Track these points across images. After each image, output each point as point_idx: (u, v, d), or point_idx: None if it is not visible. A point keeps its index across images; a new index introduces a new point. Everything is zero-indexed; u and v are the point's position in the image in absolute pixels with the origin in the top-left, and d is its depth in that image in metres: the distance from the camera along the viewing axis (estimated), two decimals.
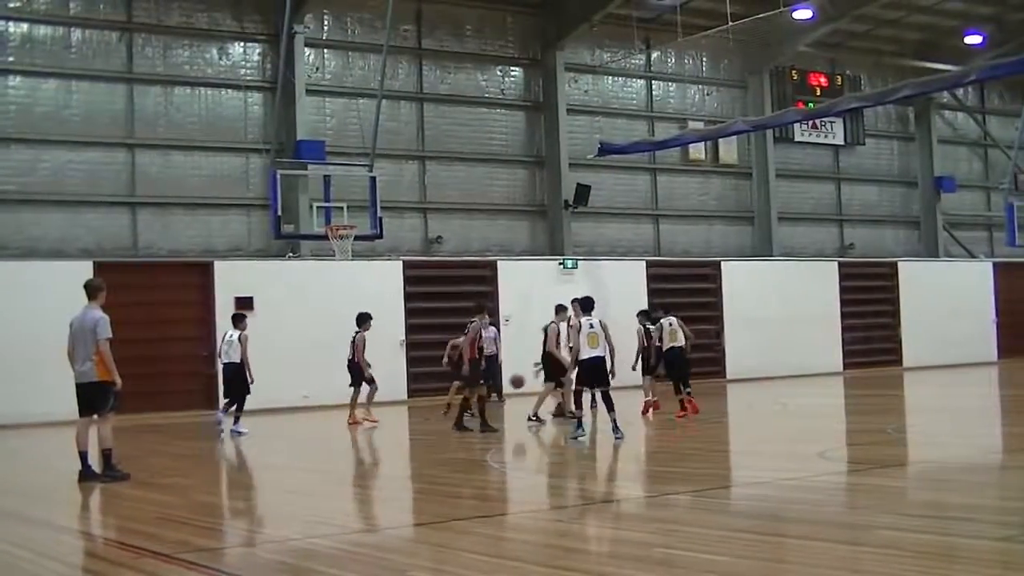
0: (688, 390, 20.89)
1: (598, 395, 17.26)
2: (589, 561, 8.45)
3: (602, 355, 17.05)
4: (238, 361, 20.45)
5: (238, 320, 20.95)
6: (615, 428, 16.73)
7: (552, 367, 21.16)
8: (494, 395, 23.97)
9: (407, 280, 30.12)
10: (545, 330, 21.81)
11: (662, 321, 21.47)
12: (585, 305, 17.62)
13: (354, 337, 21.91)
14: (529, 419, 20.57)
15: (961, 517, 9.60)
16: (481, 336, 20.42)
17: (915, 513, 10.11)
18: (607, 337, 17.24)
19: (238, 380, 20.53)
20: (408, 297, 29.88)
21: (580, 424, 17.49)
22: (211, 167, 29.34)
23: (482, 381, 20.38)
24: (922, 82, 31.45)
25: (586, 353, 17.03)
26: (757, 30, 34.32)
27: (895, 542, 8.37)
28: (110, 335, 13.53)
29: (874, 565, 7.68)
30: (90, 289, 13.97)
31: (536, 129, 34.05)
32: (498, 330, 23.97)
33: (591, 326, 17.13)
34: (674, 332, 21.12)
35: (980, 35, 39.39)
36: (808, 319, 35.30)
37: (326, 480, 14.62)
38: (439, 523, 10.27)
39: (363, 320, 22.00)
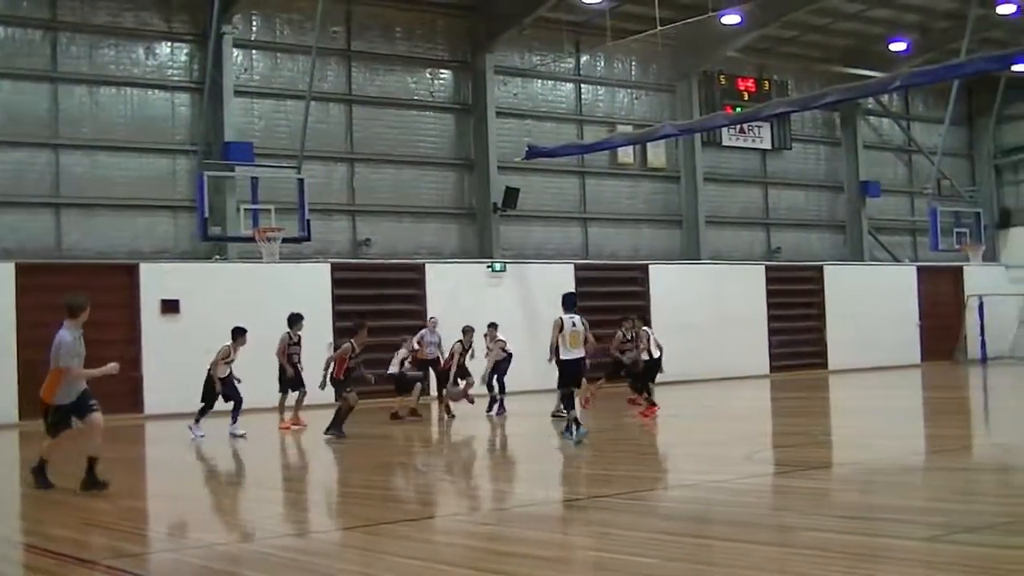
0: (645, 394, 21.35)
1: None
2: (518, 564, 8.56)
3: (582, 355, 16.96)
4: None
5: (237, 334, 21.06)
6: (568, 428, 16.87)
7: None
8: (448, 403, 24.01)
9: (335, 282, 30.40)
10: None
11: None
12: (567, 302, 17.26)
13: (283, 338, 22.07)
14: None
15: (887, 518, 9.86)
16: (423, 342, 21.66)
17: (841, 514, 10.36)
18: (587, 334, 17.18)
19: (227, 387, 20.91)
20: (336, 299, 30.13)
21: (577, 424, 17.07)
22: (137, 168, 29.38)
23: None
24: (848, 88, 32.10)
25: (566, 353, 16.82)
26: (686, 35, 34.84)
27: (822, 543, 8.64)
28: (66, 365, 13.06)
29: (802, 566, 7.95)
30: (66, 307, 13.31)
31: (465, 132, 34.43)
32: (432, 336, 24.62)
33: (573, 324, 16.84)
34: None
35: (905, 42, 40.11)
36: (735, 322, 35.94)
37: (253, 484, 14.81)
38: (367, 527, 10.38)
39: (292, 321, 22.08)
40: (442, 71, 34.37)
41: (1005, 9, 36.80)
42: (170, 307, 27.37)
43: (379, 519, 10.77)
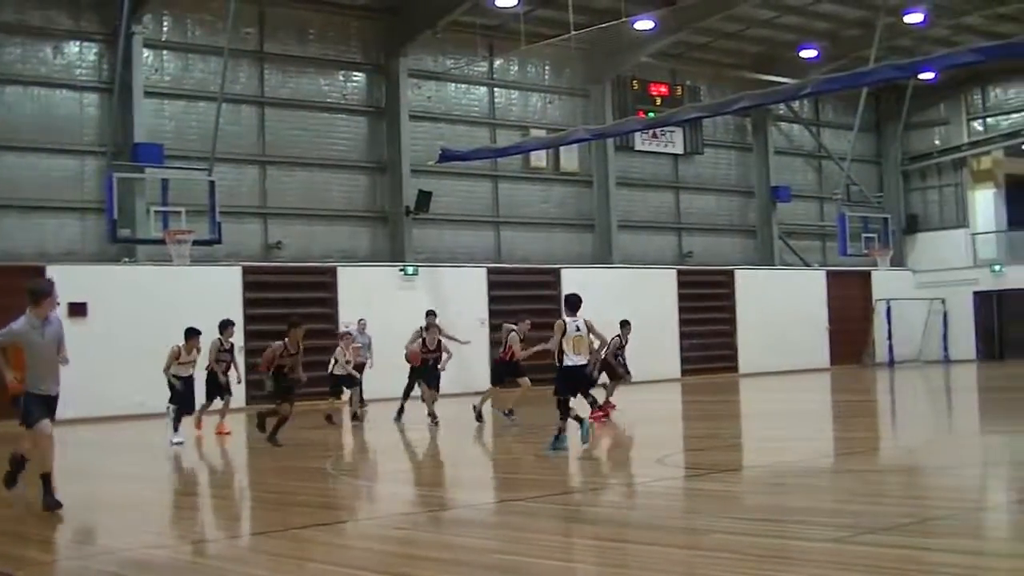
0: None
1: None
2: (431, 569, 8.64)
3: (585, 362, 16.21)
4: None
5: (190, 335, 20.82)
6: (558, 439, 15.99)
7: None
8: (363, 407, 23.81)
9: (246, 286, 30.46)
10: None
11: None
12: (571, 303, 16.34)
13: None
14: (504, 414, 21.34)
15: (796, 520, 10.04)
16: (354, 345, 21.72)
17: (751, 517, 10.49)
18: (593, 337, 16.54)
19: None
20: (248, 303, 30.16)
21: (559, 435, 16.07)
22: (45, 169, 29.24)
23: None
24: (759, 94, 32.58)
25: (570, 359, 15.86)
26: (600, 40, 35.40)
27: (732, 545, 8.80)
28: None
29: (712, 569, 8.14)
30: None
31: (378, 135, 34.64)
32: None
33: (577, 328, 15.88)
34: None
35: (815, 50, 40.89)
36: (646, 326, 36.03)
37: (163, 489, 14.79)
38: (278, 532, 10.43)
39: (223, 327, 21.82)
40: (355, 74, 34.57)
41: (912, 18, 37.94)
42: (77, 310, 27.22)
43: (290, 524, 10.81)
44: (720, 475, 13.51)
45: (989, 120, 47.42)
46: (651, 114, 37.99)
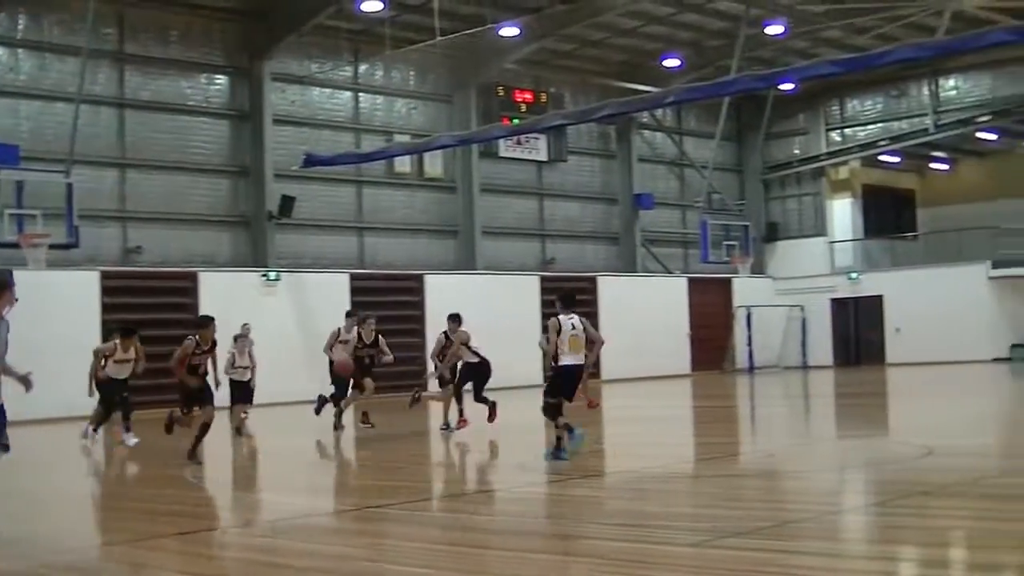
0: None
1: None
2: None
3: (582, 362, 15.18)
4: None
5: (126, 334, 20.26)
6: (558, 448, 15.07)
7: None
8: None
9: (104, 291, 30.32)
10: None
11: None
12: (566, 299, 15.50)
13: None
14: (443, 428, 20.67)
15: (657, 524, 10.26)
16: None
17: (613, 522, 10.68)
18: (591, 334, 15.43)
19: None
20: (105, 308, 29.99)
21: (559, 441, 15.16)
22: None
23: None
24: (623, 102, 33.05)
25: (566, 359, 14.99)
26: (465, 46, 35.87)
27: (594, 550, 9.06)
28: None
29: (574, 574, 8.41)
30: None
31: (241, 139, 34.71)
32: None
33: (572, 327, 15.00)
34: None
35: (678, 59, 41.71)
36: (510, 332, 36.57)
37: (16, 499, 14.39)
38: (137, 541, 10.31)
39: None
40: (218, 76, 34.58)
41: (773, 30, 39.00)
42: None
43: (149, 532, 10.71)
44: (582, 480, 13.73)
45: (846, 131, 48.93)
46: (515, 121, 38.25)
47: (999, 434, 19.09)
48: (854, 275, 47.08)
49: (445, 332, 21.19)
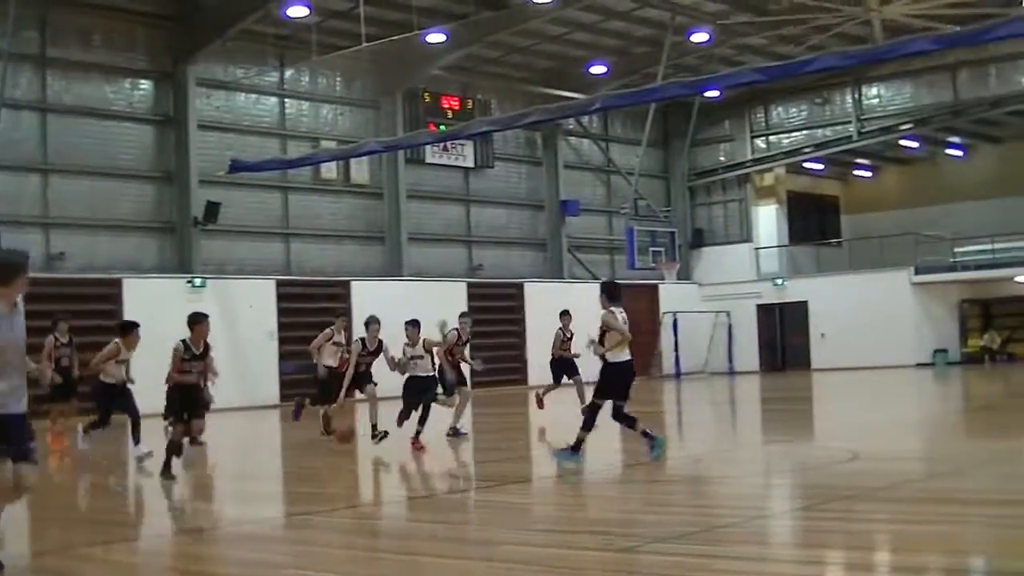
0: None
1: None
2: None
3: (632, 357, 14.25)
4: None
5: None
6: (652, 445, 14.46)
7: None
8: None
9: (27, 298, 29.66)
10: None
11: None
12: (613, 292, 14.57)
13: None
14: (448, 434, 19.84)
15: (586, 530, 10.37)
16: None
17: (542, 528, 10.82)
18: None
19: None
20: (28, 315, 29.58)
21: (580, 446, 14.49)
22: None
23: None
24: (549, 109, 33.46)
25: (618, 355, 14.07)
26: (391, 52, 36.06)
27: (522, 556, 9.05)
28: None
29: None
30: None
31: (166, 144, 34.82)
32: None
33: (624, 321, 14.19)
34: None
35: (605, 66, 42.37)
36: (436, 338, 36.89)
37: None
38: (60, 551, 10.19)
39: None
40: (142, 81, 34.70)
41: (698, 38, 39.82)
42: None
43: (72, 542, 10.65)
44: (509, 487, 13.78)
45: (771, 138, 49.90)
46: (442, 127, 38.46)
47: (923, 438, 19.37)
48: (779, 281, 48.06)
49: (457, 329, 21.45)
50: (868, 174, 54.27)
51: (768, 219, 49.91)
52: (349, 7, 33.33)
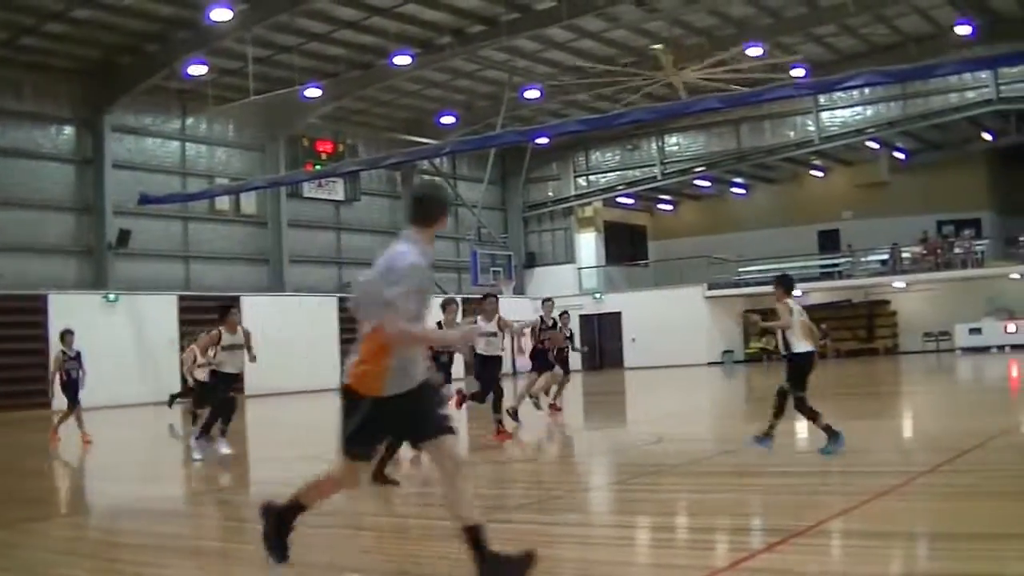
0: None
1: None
2: (133, 552, 8.46)
3: (814, 349, 12.41)
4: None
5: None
6: (832, 437, 11.85)
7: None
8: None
9: None
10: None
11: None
12: (788, 284, 12.76)
13: None
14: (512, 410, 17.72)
15: (435, 504, 9.25)
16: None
17: (399, 500, 10.61)
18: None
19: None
20: None
21: (771, 433, 12.29)
22: None
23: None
24: (407, 152, 35.15)
25: (802, 345, 12.23)
26: (275, 104, 36.54)
27: (383, 525, 9.25)
28: None
29: (364, 545, 8.39)
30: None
31: (85, 180, 35.13)
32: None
33: (801, 311, 12.43)
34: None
35: (454, 116, 43.43)
36: (311, 343, 37.74)
37: None
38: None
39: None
40: (66, 128, 35.02)
41: (531, 94, 40.62)
42: None
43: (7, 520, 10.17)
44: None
45: (591, 177, 51.26)
46: (318, 167, 39.84)
47: (713, 423, 19.56)
48: (598, 295, 49.37)
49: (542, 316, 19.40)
50: (670, 207, 55.36)
51: (588, 244, 51.00)
52: (240, 66, 33.64)
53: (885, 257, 46.89)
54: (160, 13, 31.39)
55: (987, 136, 46.62)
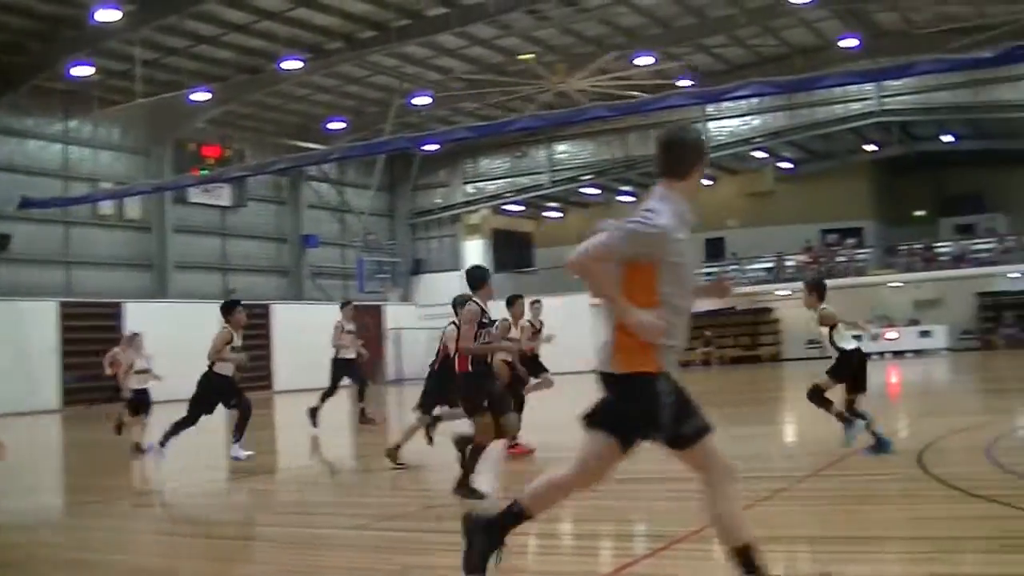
0: None
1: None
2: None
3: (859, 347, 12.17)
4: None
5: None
6: (877, 439, 11.73)
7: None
8: None
9: None
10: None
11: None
12: (821, 288, 12.63)
13: None
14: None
15: (325, 512, 10.46)
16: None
17: (287, 511, 10.85)
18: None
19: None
20: None
21: (880, 438, 11.67)
22: None
23: None
24: (294, 157, 35.35)
25: (851, 342, 12.15)
26: (162, 107, 36.38)
27: (270, 535, 9.26)
28: None
29: (253, 555, 8.63)
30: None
31: None
32: None
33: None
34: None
35: (343, 122, 43.56)
36: (195, 352, 37.15)
37: None
38: None
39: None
40: None
41: (420, 100, 40.94)
42: None
43: None
44: (259, 477, 13.58)
45: (479, 184, 51.83)
46: (204, 171, 39.30)
47: None
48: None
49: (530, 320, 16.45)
50: (558, 215, 56.08)
51: (476, 251, 51.32)
52: (127, 68, 33.57)
53: (770, 265, 48.15)
54: (42, 11, 30.97)
55: (870, 147, 48.33)
